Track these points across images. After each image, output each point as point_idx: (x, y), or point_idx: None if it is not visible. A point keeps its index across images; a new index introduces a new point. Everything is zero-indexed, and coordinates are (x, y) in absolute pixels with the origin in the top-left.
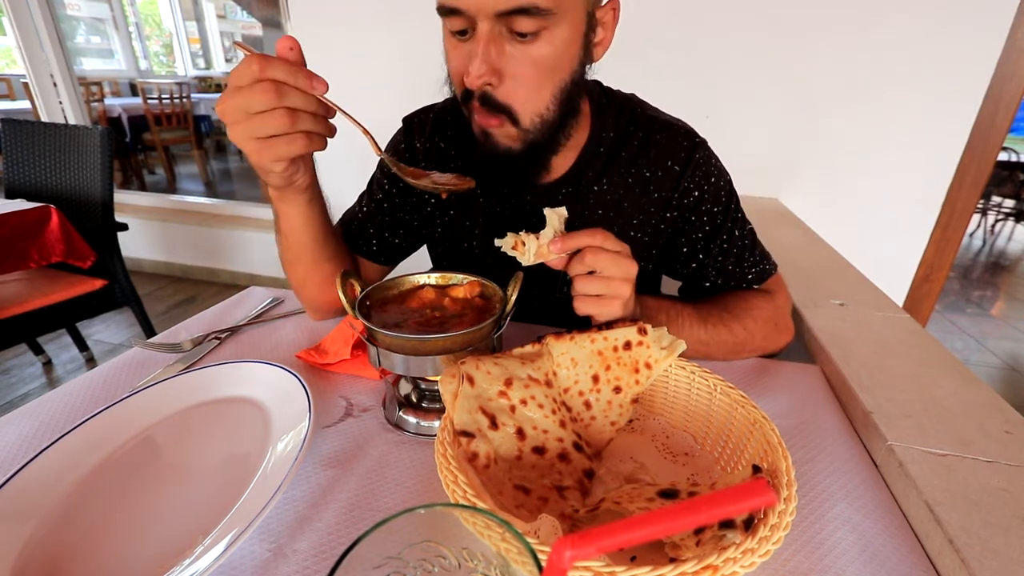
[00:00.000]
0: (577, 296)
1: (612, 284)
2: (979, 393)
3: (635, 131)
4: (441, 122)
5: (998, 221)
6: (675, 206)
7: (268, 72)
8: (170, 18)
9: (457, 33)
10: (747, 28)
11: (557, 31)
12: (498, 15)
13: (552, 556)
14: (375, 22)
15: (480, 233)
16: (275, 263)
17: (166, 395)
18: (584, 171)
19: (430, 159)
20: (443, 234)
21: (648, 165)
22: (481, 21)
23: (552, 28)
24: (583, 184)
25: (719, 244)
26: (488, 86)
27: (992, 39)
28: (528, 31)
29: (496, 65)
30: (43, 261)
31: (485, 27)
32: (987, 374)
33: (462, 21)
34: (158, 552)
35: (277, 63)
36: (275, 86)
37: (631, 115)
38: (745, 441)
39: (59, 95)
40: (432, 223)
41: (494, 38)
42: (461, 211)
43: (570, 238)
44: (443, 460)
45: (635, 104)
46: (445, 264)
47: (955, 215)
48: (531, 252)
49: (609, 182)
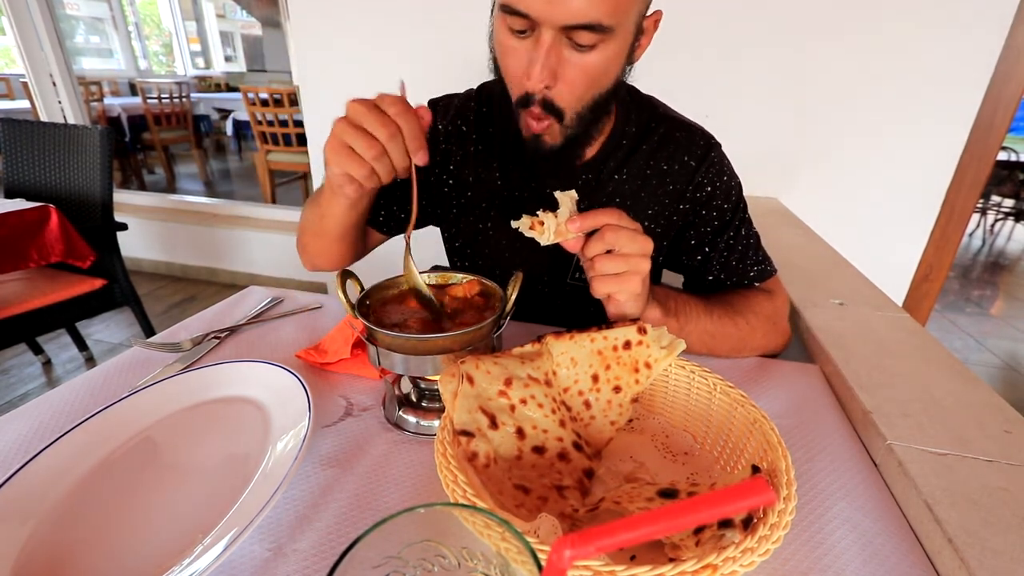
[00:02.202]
0: (596, 276)
1: (632, 260)
2: (979, 393)
3: (656, 127)
4: (464, 108)
5: (997, 221)
6: (688, 199)
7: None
8: (169, 18)
9: (515, 31)
10: (747, 28)
11: (612, 44)
12: (563, 28)
13: (552, 555)
14: (375, 21)
15: (496, 216)
16: (275, 263)
17: (166, 395)
18: (606, 160)
19: (451, 141)
20: (458, 215)
21: (666, 159)
22: (546, 29)
23: (608, 42)
24: (604, 172)
25: (725, 240)
26: (546, 88)
27: (991, 39)
28: (588, 44)
29: (555, 69)
30: (42, 261)
31: (549, 36)
32: (987, 374)
33: (524, 23)
34: (158, 552)
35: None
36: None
37: (652, 112)
38: (745, 440)
39: (58, 95)
40: (447, 204)
41: (555, 46)
42: (478, 193)
43: (588, 216)
44: (443, 460)
45: (656, 104)
46: (458, 245)
47: (955, 215)
48: (550, 230)
49: (629, 172)
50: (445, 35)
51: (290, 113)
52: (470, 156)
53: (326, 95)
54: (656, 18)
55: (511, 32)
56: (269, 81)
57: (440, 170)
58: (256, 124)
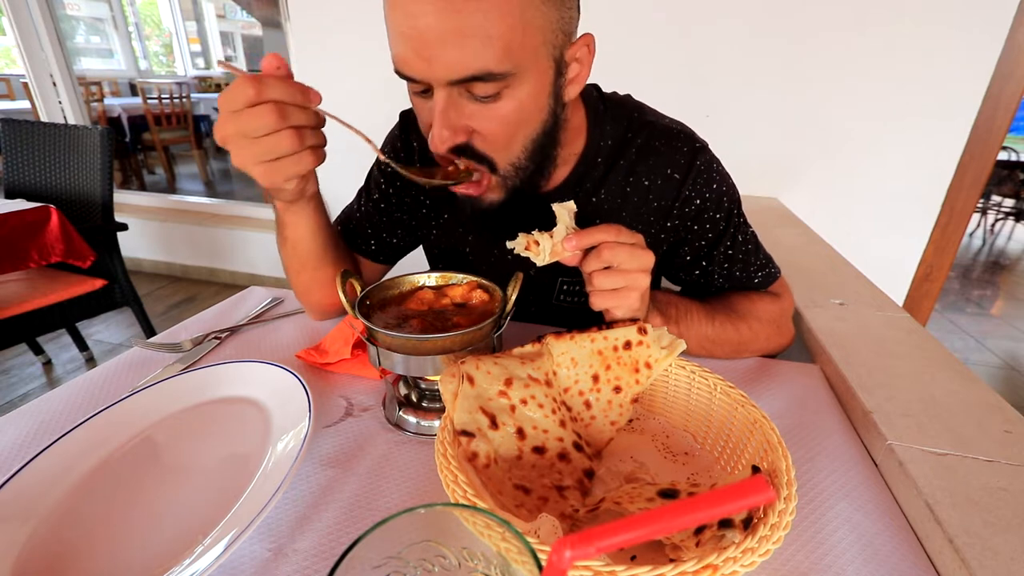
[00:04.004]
0: (594, 292)
1: (630, 276)
2: (979, 393)
3: (633, 138)
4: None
5: (998, 220)
6: (676, 215)
7: (266, 94)
8: (170, 18)
9: (417, 93)
10: (747, 27)
11: (520, 88)
12: (451, 83)
13: (552, 556)
14: (375, 22)
15: (473, 240)
16: (275, 263)
17: (166, 395)
18: (582, 182)
19: (426, 153)
20: (438, 236)
21: (647, 173)
22: (437, 89)
23: (514, 87)
24: (580, 195)
25: (723, 251)
26: (459, 142)
27: (992, 39)
28: (488, 94)
29: (459, 124)
30: (43, 261)
31: (442, 95)
32: (987, 374)
33: (419, 84)
34: (158, 552)
35: (272, 82)
36: (276, 107)
37: (629, 121)
38: (745, 441)
39: (59, 95)
40: (427, 225)
41: (453, 102)
42: (454, 216)
43: (585, 235)
44: (443, 460)
45: (633, 108)
46: (441, 266)
47: (955, 214)
48: (546, 252)
49: (607, 192)
50: None
51: None
52: None
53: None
54: (586, 42)
55: (415, 94)
56: None
57: (416, 190)
58: None
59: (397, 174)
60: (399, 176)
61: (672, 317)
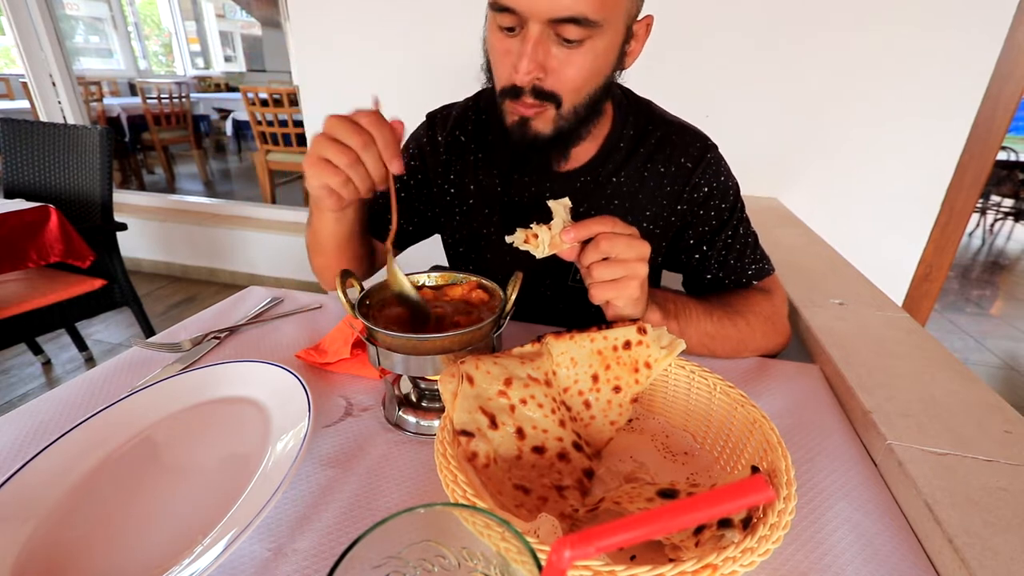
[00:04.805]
0: (593, 284)
1: (628, 265)
2: (979, 393)
3: (653, 131)
4: (463, 118)
5: (997, 220)
6: (685, 199)
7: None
8: (169, 18)
9: (505, 29)
10: (747, 27)
11: (600, 41)
12: (550, 21)
13: (552, 556)
14: (375, 21)
15: (498, 220)
16: (275, 263)
17: (165, 395)
18: (604, 163)
19: (451, 152)
20: (461, 222)
21: (663, 161)
22: (532, 24)
23: (596, 38)
24: (602, 175)
25: (723, 239)
26: (537, 80)
27: (991, 38)
28: (575, 38)
29: (544, 62)
30: (42, 261)
31: (536, 30)
32: (986, 373)
33: (512, 19)
34: (158, 552)
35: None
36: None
37: (649, 116)
38: (745, 440)
39: (58, 95)
40: (451, 212)
41: (542, 41)
42: (479, 200)
43: (582, 226)
44: (443, 460)
45: (653, 108)
46: (461, 251)
47: (954, 214)
48: (545, 244)
49: (627, 175)
50: (445, 34)
51: (290, 113)
52: (470, 165)
53: (326, 95)
54: (647, 22)
55: (501, 31)
56: (269, 81)
57: (442, 180)
58: (256, 124)
59: (419, 167)
60: (421, 169)
61: (671, 313)
